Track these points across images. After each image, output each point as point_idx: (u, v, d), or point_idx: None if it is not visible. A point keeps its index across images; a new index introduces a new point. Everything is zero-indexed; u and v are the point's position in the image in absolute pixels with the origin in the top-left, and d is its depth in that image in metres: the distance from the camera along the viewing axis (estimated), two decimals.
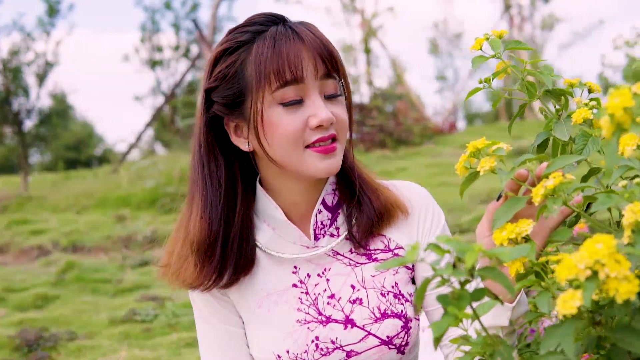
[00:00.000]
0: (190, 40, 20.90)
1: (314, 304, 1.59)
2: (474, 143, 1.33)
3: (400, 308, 1.60)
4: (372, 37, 17.99)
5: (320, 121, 1.47)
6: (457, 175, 1.47)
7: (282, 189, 1.60)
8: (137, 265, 6.79)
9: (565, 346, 0.98)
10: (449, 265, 1.01)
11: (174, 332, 4.60)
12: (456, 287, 1.04)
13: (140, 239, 7.81)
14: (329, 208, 1.62)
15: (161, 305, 5.19)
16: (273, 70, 1.45)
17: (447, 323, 1.02)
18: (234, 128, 1.56)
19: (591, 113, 1.42)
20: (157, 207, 9.96)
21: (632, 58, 17.72)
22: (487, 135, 1.35)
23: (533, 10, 21.99)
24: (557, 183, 1.16)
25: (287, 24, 1.52)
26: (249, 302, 1.61)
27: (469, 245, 1.01)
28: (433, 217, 1.68)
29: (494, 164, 1.28)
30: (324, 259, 1.62)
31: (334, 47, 1.54)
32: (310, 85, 1.48)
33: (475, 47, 1.48)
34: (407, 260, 1.02)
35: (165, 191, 10.29)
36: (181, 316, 4.90)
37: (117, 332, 4.68)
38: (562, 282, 0.96)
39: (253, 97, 1.48)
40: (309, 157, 1.50)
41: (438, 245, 1.03)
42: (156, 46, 21.48)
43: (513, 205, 1.25)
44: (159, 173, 11.17)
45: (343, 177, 1.64)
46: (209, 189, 1.58)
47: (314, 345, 1.55)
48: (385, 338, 1.57)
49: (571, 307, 0.94)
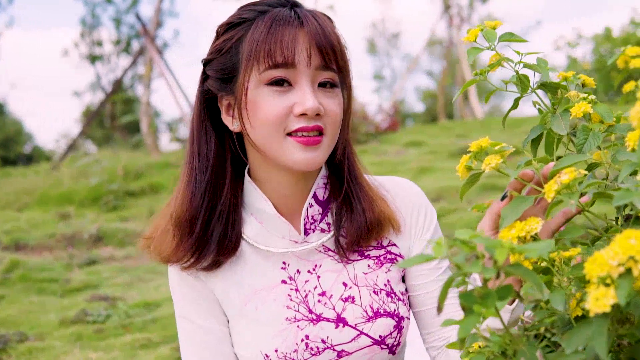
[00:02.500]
0: (132, 35, 20.64)
1: (304, 301, 1.54)
2: (477, 143, 1.30)
3: (393, 307, 1.56)
4: None
5: (305, 109, 1.41)
6: (403, 173, 1.46)
7: (271, 181, 1.54)
8: (85, 264, 6.65)
9: (597, 345, 0.95)
10: (476, 261, 0.97)
11: (127, 333, 4.50)
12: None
13: (86, 237, 7.65)
14: (320, 202, 1.58)
15: (112, 306, 5.07)
16: (264, 50, 1.41)
17: (473, 322, 0.99)
18: (227, 106, 1.52)
19: (591, 107, 1.40)
20: (100, 205, 9.80)
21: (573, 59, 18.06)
22: (429, 135, 1.35)
23: (471, 11, 22.30)
24: (572, 178, 1.14)
25: (295, 8, 1.48)
26: (235, 298, 1.55)
27: (499, 241, 0.98)
28: (426, 217, 1.65)
29: (500, 161, 1.25)
30: (314, 255, 1.57)
31: (338, 41, 1.48)
32: (302, 72, 1.43)
33: (470, 38, 1.45)
34: (433, 257, 0.98)
35: (109, 189, 10.14)
36: (134, 317, 4.80)
37: (69, 333, 4.56)
38: (593, 279, 0.93)
39: (242, 74, 1.45)
40: (289, 146, 1.44)
41: (465, 241, 0.99)
42: (96, 41, 21.17)
43: (520, 203, 1.23)
44: (103, 170, 10.99)
45: (335, 173, 1.59)
46: (196, 162, 1.54)
47: (303, 345, 1.50)
48: (378, 338, 1.53)
49: (605, 306, 0.91)
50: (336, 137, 1.51)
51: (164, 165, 11.61)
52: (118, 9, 20.58)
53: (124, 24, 20.68)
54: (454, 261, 0.98)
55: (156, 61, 13.34)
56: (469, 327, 0.98)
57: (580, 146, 1.37)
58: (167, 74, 13.31)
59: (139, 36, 16.49)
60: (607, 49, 17.04)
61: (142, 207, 9.25)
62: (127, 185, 10.45)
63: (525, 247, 1.01)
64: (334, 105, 1.47)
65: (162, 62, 13.33)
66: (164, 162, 11.75)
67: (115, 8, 20.61)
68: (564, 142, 1.49)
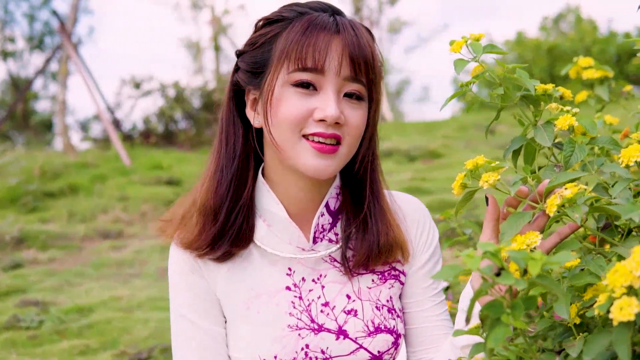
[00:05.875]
0: (45, 31, 20.12)
1: (307, 310, 1.54)
2: (474, 160, 1.34)
3: (393, 323, 1.58)
4: (222, 34, 17.81)
5: (325, 116, 1.42)
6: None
7: (284, 183, 1.55)
8: (9, 268, 6.42)
9: (620, 353, 0.99)
10: (507, 274, 1.00)
11: (63, 340, 4.39)
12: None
13: (8, 239, 7.40)
14: (331, 212, 1.58)
15: (44, 311, 4.92)
16: (296, 51, 1.43)
17: (502, 333, 1.01)
18: (252, 101, 1.54)
19: (575, 120, 1.44)
20: (19, 206, 9.49)
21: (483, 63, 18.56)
22: None
23: (380, 14, 22.51)
24: (575, 192, 1.18)
25: (336, 16, 1.49)
26: (238, 299, 1.54)
27: (530, 254, 1.01)
28: (428, 234, 1.67)
29: (497, 177, 1.29)
30: (320, 265, 1.57)
31: (373, 54, 1.50)
32: (330, 80, 1.44)
33: (455, 50, 1.48)
34: (466, 270, 1.00)
35: (27, 189, 9.83)
36: (68, 322, 4.67)
37: (2, 340, 4.41)
38: (617, 289, 0.97)
39: (271, 71, 1.46)
40: (303, 148, 1.45)
41: (495, 254, 1.02)
42: (8, 37, 20.55)
43: (518, 219, 1.27)
44: (21, 170, 10.66)
45: (354, 187, 1.60)
46: (223, 151, 1.56)
47: (303, 353, 1.50)
48: (377, 353, 1.54)
49: (630, 314, 0.95)
50: (354, 149, 1.52)
51: (81, 165, 11.34)
52: (32, 4, 20.05)
53: (37, 21, 20.16)
54: (482, 272, 1.01)
55: (73, 58, 13.03)
56: (499, 337, 1.01)
57: (567, 158, 1.41)
58: (84, 71, 13.02)
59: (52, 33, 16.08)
60: (514, 54, 17.48)
61: (61, 208, 8.99)
62: (45, 185, 10.16)
63: (550, 258, 1.04)
64: (356, 118, 1.48)
65: (79, 59, 13.03)
66: (81, 162, 11.47)
67: (29, 4, 20.08)
68: (546, 153, 1.53)
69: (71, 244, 7.46)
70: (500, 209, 1.39)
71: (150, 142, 14.25)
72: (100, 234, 7.89)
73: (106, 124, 13.10)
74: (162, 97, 15.04)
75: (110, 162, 11.61)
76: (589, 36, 15.22)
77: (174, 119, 14.78)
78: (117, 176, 10.55)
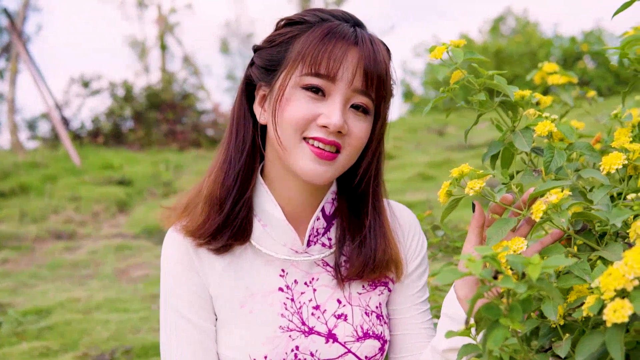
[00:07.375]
0: None
1: (298, 312, 1.56)
2: (459, 168, 1.37)
3: (381, 329, 1.61)
4: (168, 33, 17.64)
5: (328, 123, 1.45)
6: None
7: (282, 183, 1.58)
8: None
9: (613, 353, 1.02)
10: (507, 278, 1.03)
11: (22, 342, 4.33)
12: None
13: None
14: (326, 217, 1.61)
15: (2, 312, 4.84)
16: (312, 56, 1.45)
17: (501, 335, 1.04)
18: (261, 97, 1.56)
19: (554, 126, 1.48)
20: None
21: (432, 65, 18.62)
22: None
23: None
24: (561, 197, 1.22)
25: (357, 27, 1.51)
26: (232, 298, 1.55)
27: (529, 259, 1.04)
28: (417, 244, 1.71)
29: (482, 185, 1.32)
30: (313, 268, 1.59)
31: (386, 71, 1.52)
32: (339, 89, 1.47)
33: (436, 56, 1.51)
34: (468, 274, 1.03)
35: None
36: (26, 324, 4.61)
37: None
38: (610, 292, 1.01)
39: (285, 71, 1.48)
40: (302, 150, 1.48)
41: (494, 258, 1.05)
42: None
43: (504, 225, 1.31)
44: None
45: (351, 197, 1.63)
46: (233, 143, 1.58)
47: (292, 355, 1.52)
48: (364, 358, 1.57)
49: (623, 316, 0.99)
50: (352, 160, 1.54)
51: (31, 165, 11.16)
52: None
53: None
54: (481, 276, 1.04)
55: (22, 56, 12.82)
56: (499, 340, 1.04)
57: (547, 164, 1.45)
58: (33, 69, 12.81)
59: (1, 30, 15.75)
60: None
61: (12, 208, 8.84)
62: None
63: (547, 262, 1.08)
64: (360, 130, 1.51)
65: (28, 57, 12.82)
66: (31, 162, 11.28)
67: None
68: (523, 158, 1.57)
69: (24, 245, 7.36)
70: (485, 216, 1.42)
71: (99, 142, 14.05)
72: (52, 234, 7.80)
73: (55, 122, 12.88)
74: (110, 97, 14.83)
75: (60, 161, 11.44)
76: (535, 40, 15.40)
77: (124, 117, 14.60)
78: (67, 176, 10.43)
